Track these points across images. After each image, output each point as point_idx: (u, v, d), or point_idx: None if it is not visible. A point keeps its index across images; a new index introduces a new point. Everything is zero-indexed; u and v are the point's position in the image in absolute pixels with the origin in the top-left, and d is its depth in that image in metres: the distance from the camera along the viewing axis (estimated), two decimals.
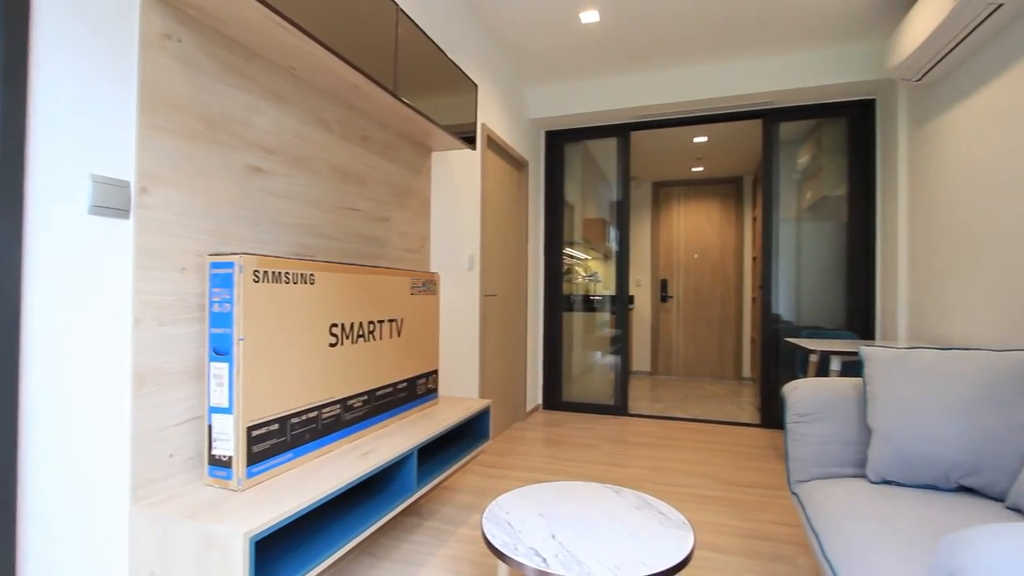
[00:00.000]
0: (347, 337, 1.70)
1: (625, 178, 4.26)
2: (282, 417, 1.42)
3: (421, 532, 2.08)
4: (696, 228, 6.30)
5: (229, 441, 1.29)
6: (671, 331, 6.36)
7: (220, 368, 1.30)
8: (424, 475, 1.88)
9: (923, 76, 2.71)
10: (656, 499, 1.52)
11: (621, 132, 4.25)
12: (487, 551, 1.92)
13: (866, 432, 1.61)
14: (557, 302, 4.46)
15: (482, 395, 3.15)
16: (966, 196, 2.53)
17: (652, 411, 4.36)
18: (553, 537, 1.26)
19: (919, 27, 2.48)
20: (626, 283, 4.32)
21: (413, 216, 2.46)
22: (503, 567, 1.36)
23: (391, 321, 1.96)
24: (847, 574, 1.14)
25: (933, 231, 2.88)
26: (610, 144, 4.35)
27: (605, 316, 4.45)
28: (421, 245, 2.54)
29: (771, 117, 3.86)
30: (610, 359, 4.40)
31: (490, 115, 3.31)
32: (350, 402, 1.71)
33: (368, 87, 1.78)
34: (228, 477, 1.30)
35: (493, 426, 3.45)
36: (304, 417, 1.51)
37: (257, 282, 1.34)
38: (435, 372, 2.29)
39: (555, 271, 4.47)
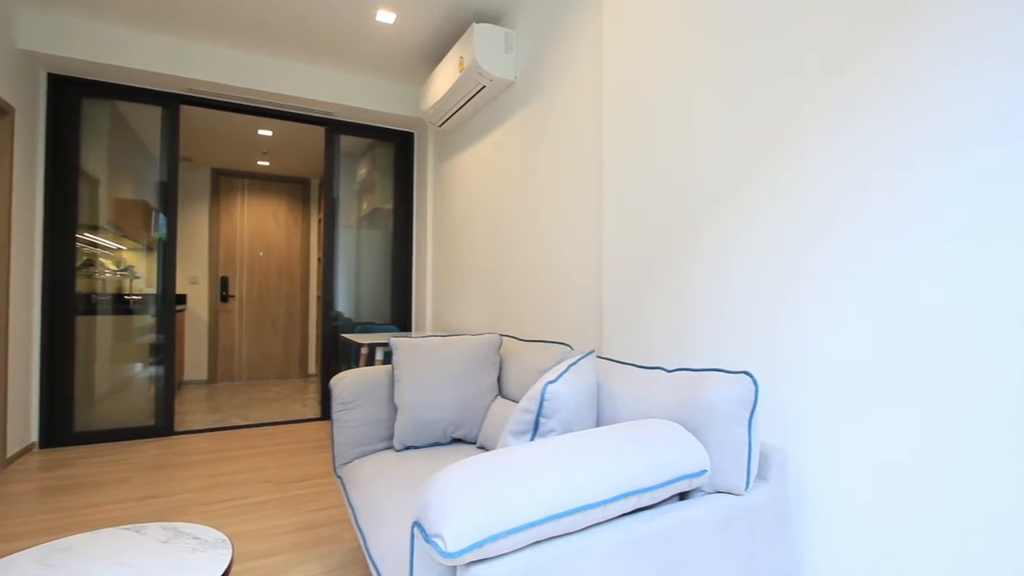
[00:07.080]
0: None
1: (173, 157, 3.65)
2: None
3: None
4: (262, 224, 6.04)
5: None
6: (233, 333, 5.87)
7: None
8: None
9: (443, 123, 3.47)
10: (194, 524, 1.37)
11: (168, 102, 3.62)
12: None
13: (394, 409, 1.94)
14: (67, 303, 3.39)
15: None
16: (466, 222, 3.41)
17: (206, 424, 3.90)
18: None
19: (438, 85, 3.17)
20: (174, 280, 3.71)
21: None
22: None
23: None
24: (373, 537, 1.34)
25: (447, 246, 3.73)
26: (154, 113, 3.63)
27: (146, 319, 3.69)
28: None
29: (333, 127, 4.11)
30: (151, 371, 3.68)
31: None
32: None
33: None
34: None
35: None
36: None
37: None
38: None
39: (65, 263, 3.38)
